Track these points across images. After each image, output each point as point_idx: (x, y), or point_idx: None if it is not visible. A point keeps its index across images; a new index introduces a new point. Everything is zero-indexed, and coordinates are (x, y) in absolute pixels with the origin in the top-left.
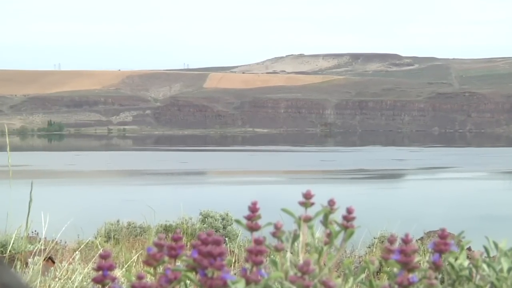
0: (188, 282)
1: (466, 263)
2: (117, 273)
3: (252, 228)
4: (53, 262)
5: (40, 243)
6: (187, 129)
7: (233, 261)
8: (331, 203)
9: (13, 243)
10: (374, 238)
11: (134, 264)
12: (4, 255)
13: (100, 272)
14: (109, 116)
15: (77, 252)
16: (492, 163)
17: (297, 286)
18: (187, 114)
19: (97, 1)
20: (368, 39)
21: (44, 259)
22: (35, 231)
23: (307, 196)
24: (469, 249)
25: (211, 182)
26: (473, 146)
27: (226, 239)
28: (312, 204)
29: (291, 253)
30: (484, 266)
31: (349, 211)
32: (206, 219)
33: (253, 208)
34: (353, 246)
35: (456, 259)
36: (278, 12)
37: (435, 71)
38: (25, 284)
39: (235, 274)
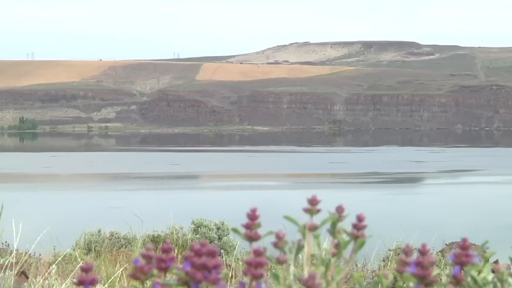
0: None
1: (490, 276)
2: None
3: (251, 238)
4: (27, 277)
5: (12, 255)
6: (178, 127)
7: (230, 276)
8: (340, 209)
9: None
10: (389, 250)
11: (117, 279)
12: None
13: (81, 287)
14: (89, 112)
15: (53, 266)
16: None
17: None
18: (177, 110)
19: None
20: (382, 25)
21: (16, 274)
22: (6, 242)
23: (313, 202)
24: (495, 262)
25: (205, 187)
26: (501, 146)
27: (222, 251)
28: (318, 211)
29: (295, 265)
30: (510, 280)
31: (360, 218)
32: (199, 228)
33: (252, 216)
34: (365, 259)
35: (479, 272)
36: None
37: (458, 61)
38: None
39: None
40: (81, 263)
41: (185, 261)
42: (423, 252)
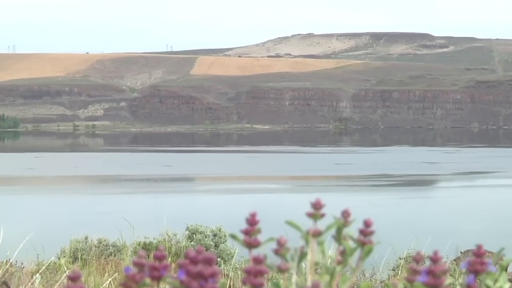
0: None
1: (506, 286)
2: None
3: (251, 245)
4: None
5: None
6: (171, 125)
7: (228, 286)
8: (346, 214)
9: None
10: (400, 259)
11: None
12: None
13: None
14: (75, 109)
15: (37, 276)
16: None
17: None
18: (170, 107)
19: None
20: (392, 15)
21: None
22: None
23: (317, 206)
24: None
25: (200, 190)
26: None
27: (219, 259)
28: (323, 215)
29: (297, 274)
30: None
31: (367, 224)
32: (194, 235)
33: (252, 221)
34: (374, 268)
35: (495, 281)
36: None
37: (474, 54)
38: None
39: None
40: (67, 272)
41: (179, 269)
42: (434, 259)
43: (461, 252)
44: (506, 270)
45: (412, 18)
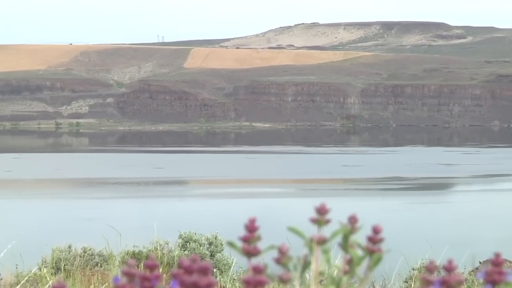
0: None
1: None
2: None
3: (250, 253)
4: None
5: None
6: (162, 123)
7: None
8: (353, 220)
9: None
10: (413, 270)
11: None
12: None
13: None
14: (58, 106)
15: None
16: None
17: None
18: (162, 103)
19: None
20: (405, 3)
21: None
22: None
23: (322, 211)
24: None
25: (195, 194)
26: None
27: (215, 270)
28: (328, 221)
29: (301, 285)
30: None
31: (376, 230)
32: (188, 243)
33: (251, 227)
34: (385, 279)
35: None
36: None
37: (494, 45)
38: None
39: None
40: (49, 284)
41: (173, 279)
42: (449, 269)
43: (480, 262)
44: None
45: (426, 6)
